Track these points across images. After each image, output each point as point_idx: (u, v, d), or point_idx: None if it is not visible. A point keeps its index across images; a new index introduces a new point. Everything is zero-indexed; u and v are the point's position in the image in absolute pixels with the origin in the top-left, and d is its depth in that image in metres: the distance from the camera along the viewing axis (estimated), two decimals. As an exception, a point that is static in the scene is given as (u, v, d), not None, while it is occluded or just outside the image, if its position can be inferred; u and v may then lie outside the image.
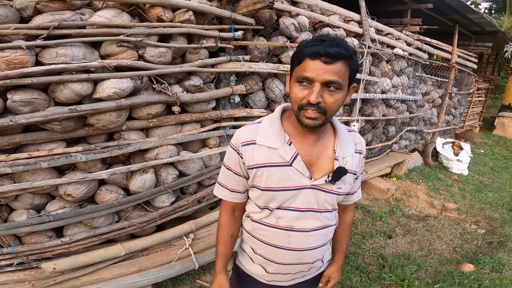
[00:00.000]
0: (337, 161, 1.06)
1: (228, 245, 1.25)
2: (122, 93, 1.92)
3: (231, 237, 1.25)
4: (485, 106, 9.70)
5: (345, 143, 1.10)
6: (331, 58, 0.89)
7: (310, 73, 0.91)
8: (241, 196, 1.17)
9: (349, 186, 1.12)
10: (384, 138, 4.79)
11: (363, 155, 1.17)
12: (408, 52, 4.54)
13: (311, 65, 0.91)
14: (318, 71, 0.90)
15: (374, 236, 3.30)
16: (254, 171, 1.06)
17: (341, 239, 1.35)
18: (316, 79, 0.91)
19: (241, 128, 1.11)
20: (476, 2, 13.31)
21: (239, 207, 1.22)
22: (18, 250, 1.91)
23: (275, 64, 2.80)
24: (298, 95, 0.94)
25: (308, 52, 0.91)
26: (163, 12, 2.10)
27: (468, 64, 6.54)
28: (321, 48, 0.89)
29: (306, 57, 0.91)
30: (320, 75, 0.90)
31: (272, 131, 1.05)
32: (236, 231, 1.26)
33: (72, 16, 1.83)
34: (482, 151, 7.23)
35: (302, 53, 0.93)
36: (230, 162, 1.12)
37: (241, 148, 1.06)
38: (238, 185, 1.14)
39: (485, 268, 2.89)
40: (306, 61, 0.92)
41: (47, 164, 1.82)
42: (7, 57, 1.61)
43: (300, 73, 0.93)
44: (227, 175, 1.15)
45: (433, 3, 4.64)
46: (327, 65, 0.90)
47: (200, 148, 2.56)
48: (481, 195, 4.76)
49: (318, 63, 0.90)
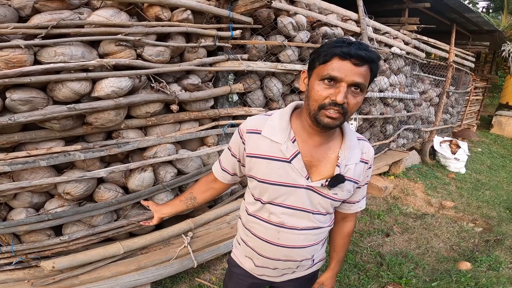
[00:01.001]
0: (338, 168, 1.05)
1: (183, 198, 1.35)
2: (121, 91, 1.93)
3: (189, 194, 1.34)
4: (482, 105, 9.75)
5: (351, 151, 1.08)
6: (360, 61, 0.90)
7: (339, 73, 0.90)
8: (228, 178, 1.24)
9: (347, 193, 1.11)
10: (382, 136, 4.80)
11: (369, 165, 1.14)
12: (405, 51, 4.55)
13: (341, 65, 0.90)
14: (347, 72, 0.90)
15: (372, 234, 3.32)
16: (253, 160, 1.07)
17: (338, 248, 1.33)
18: (344, 80, 0.91)
19: (252, 116, 1.14)
20: (474, 1, 13.34)
21: (219, 185, 1.29)
22: (17, 249, 1.91)
23: (273, 63, 2.81)
24: (321, 93, 0.94)
25: (338, 51, 0.90)
26: (161, 11, 2.10)
27: (466, 63, 6.57)
28: (352, 49, 0.89)
29: (336, 56, 0.91)
30: (349, 76, 0.90)
31: (279, 125, 1.06)
32: (199, 197, 1.34)
33: (71, 15, 1.83)
34: (480, 150, 7.26)
35: (331, 52, 0.92)
36: (232, 143, 1.17)
37: (245, 135, 1.09)
38: (230, 166, 1.21)
39: (482, 266, 2.91)
40: (334, 61, 0.91)
41: (45, 162, 1.82)
42: (6, 56, 1.61)
43: (327, 71, 0.92)
44: (226, 154, 1.21)
45: (431, 2, 4.67)
46: (356, 67, 0.90)
47: (198, 147, 2.57)
48: (478, 193, 4.79)
49: (348, 64, 0.90)
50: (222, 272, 2.53)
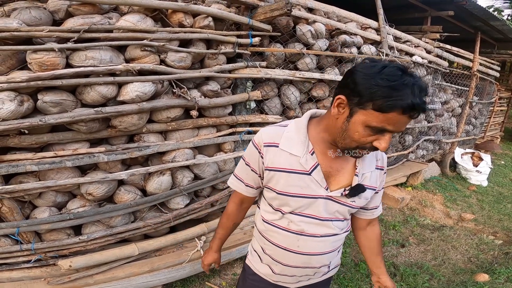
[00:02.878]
0: (357, 177, 1.07)
1: (229, 230, 1.37)
2: (144, 96, 2.00)
3: (233, 224, 1.35)
4: (507, 116, 9.40)
5: (367, 160, 1.10)
6: (419, 114, 0.82)
7: (393, 127, 0.84)
8: (254, 191, 1.22)
9: (364, 200, 1.13)
10: (400, 147, 4.72)
11: (384, 171, 1.17)
12: (427, 59, 4.47)
13: (399, 119, 0.82)
14: (402, 125, 0.84)
15: (386, 244, 3.27)
16: (272, 174, 1.07)
17: (378, 250, 1.32)
18: (394, 131, 0.85)
19: (266, 127, 1.11)
20: (499, 9, 12.99)
21: (248, 200, 1.27)
22: (38, 247, 1.97)
23: (291, 71, 2.83)
24: (365, 139, 0.90)
25: (405, 106, 0.79)
26: (184, 17, 2.17)
27: (490, 72, 6.38)
28: (419, 104, 0.79)
29: (400, 109, 0.80)
30: (400, 128, 0.85)
31: (297, 138, 1.05)
32: (239, 220, 1.35)
33: (101, 20, 1.89)
34: (503, 162, 7.02)
35: (394, 105, 0.79)
36: (249, 158, 1.14)
37: (263, 148, 1.07)
38: (253, 181, 1.18)
39: (500, 278, 2.82)
40: (394, 114, 0.81)
41: (71, 163, 1.90)
42: (40, 59, 1.69)
43: (382, 125, 0.84)
44: (244, 169, 1.17)
45: (454, 10, 4.58)
46: (410, 119, 0.84)
47: (215, 152, 2.62)
48: (500, 206, 4.63)
49: (406, 118, 0.82)
50: (232, 277, 2.55)
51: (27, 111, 1.74)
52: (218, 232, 1.38)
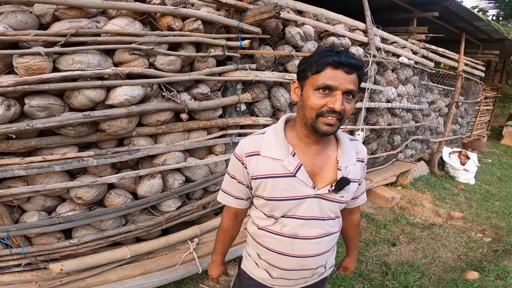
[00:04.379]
0: (340, 171, 1.09)
1: (228, 245, 1.36)
2: (133, 100, 1.99)
3: (231, 238, 1.34)
4: (493, 115, 9.61)
5: (348, 153, 1.13)
6: (351, 69, 0.95)
7: (333, 82, 0.95)
8: (245, 203, 1.22)
9: (351, 194, 1.16)
10: (389, 147, 4.79)
11: (365, 162, 1.22)
12: (413, 60, 4.55)
13: (334, 74, 0.94)
14: (341, 80, 0.95)
15: (377, 243, 3.30)
16: (258, 182, 1.09)
17: (352, 237, 1.46)
18: (339, 88, 0.95)
19: (245, 138, 1.14)
20: (484, 9, 13.27)
21: (242, 212, 1.27)
22: (28, 251, 1.96)
23: (281, 73, 2.86)
24: (318, 102, 0.97)
25: (331, 61, 0.94)
26: (173, 21, 2.17)
27: (475, 72, 6.52)
28: (343, 58, 0.94)
29: (328, 66, 0.95)
30: (343, 84, 0.95)
31: (276, 142, 1.08)
32: (236, 233, 1.35)
33: (88, 23, 1.89)
34: (490, 161, 7.17)
35: (323, 62, 0.95)
36: (234, 171, 1.15)
37: (246, 159, 1.09)
38: (242, 193, 1.19)
39: (490, 275, 2.88)
40: (327, 70, 0.95)
41: (60, 167, 1.88)
42: (27, 63, 1.67)
43: (322, 81, 0.95)
44: (231, 183, 1.18)
45: (439, 12, 4.65)
46: (348, 75, 0.95)
47: (206, 155, 2.62)
48: (488, 204, 4.73)
49: (341, 73, 0.94)
50: (226, 278, 2.54)
51: (14, 116, 1.72)
52: (217, 247, 1.37)
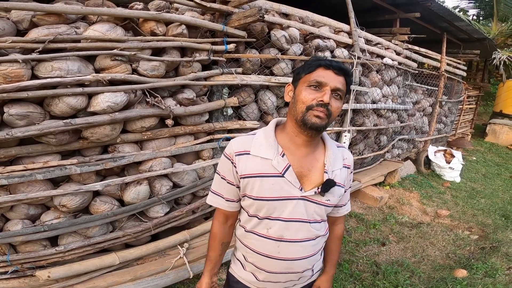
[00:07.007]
0: (327, 174, 1.12)
1: (219, 251, 1.31)
2: (116, 106, 1.96)
3: (221, 244, 1.30)
4: (476, 113, 9.84)
5: (334, 157, 1.16)
6: (340, 71, 1.06)
7: (324, 79, 1.05)
8: (235, 205, 1.21)
9: (337, 198, 1.17)
10: (376, 147, 4.84)
11: (351, 170, 1.25)
12: (397, 61, 4.62)
13: (325, 73, 1.06)
14: (331, 78, 1.05)
15: (368, 243, 3.33)
16: (247, 181, 1.10)
17: (331, 251, 1.39)
18: (328, 84, 1.04)
19: (236, 138, 1.16)
20: (464, 9, 13.60)
21: (232, 216, 1.26)
22: (13, 259, 1.92)
23: (267, 76, 2.86)
24: (308, 96, 1.05)
25: (323, 63, 1.07)
26: (156, 26, 2.15)
27: (457, 72, 6.67)
28: (333, 62, 1.07)
29: (320, 66, 1.06)
30: (332, 82, 1.05)
31: (266, 142, 1.11)
32: (227, 238, 1.31)
33: (67, 30, 1.86)
34: (474, 158, 7.32)
35: (316, 63, 1.07)
36: (223, 171, 1.16)
37: (235, 158, 1.11)
38: (232, 194, 1.18)
39: (478, 273, 2.92)
40: (319, 70, 1.06)
41: (42, 176, 1.84)
42: (4, 71, 1.64)
43: (314, 78, 1.06)
44: (221, 184, 1.18)
45: (421, 12, 4.73)
46: (337, 76, 1.06)
47: (194, 160, 2.60)
48: (474, 201, 4.82)
49: (330, 73, 1.06)
50: (218, 282, 2.52)
51: (-7, 125, 1.68)
52: (208, 254, 1.34)
